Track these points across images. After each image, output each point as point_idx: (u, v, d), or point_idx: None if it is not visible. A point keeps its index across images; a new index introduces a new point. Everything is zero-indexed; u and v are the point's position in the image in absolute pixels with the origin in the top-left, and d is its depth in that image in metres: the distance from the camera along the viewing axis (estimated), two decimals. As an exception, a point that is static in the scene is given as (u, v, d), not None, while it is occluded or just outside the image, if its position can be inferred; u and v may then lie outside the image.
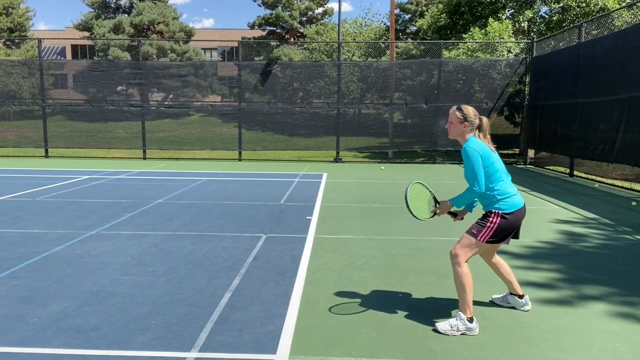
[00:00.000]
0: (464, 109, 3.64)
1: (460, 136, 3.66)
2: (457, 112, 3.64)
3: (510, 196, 3.55)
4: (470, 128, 3.63)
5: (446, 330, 3.46)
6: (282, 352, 3.17)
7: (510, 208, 3.52)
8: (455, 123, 3.65)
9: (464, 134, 3.64)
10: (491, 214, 3.52)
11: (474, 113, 3.66)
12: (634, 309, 3.94)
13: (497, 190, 3.52)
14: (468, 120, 3.61)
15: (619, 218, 7.56)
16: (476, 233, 3.53)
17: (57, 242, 5.78)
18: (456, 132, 3.67)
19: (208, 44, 39.29)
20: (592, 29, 12.91)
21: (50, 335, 3.38)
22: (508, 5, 18.08)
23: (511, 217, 3.51)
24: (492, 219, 3.51)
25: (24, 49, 32.26)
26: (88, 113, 17.89)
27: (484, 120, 3.67)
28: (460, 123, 3.62)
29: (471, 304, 3.51)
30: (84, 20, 33.67)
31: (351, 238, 6.13)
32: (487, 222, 3.51)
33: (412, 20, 33.81)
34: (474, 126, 3.63)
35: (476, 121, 3.64)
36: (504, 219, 3.50)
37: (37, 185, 10.19)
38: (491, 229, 3.50)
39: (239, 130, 16.95)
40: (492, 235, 3.51)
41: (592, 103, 11.69)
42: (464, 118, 3.61)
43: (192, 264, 5.01)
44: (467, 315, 3.47)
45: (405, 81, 18.11)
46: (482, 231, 3.51)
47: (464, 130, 3.63)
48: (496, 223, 3.50)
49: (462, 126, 3.62)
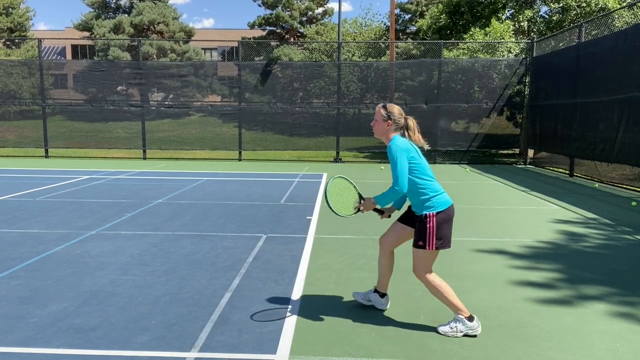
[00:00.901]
0: (389, 107, 3.56)
1: (384, 135, 3.59)
2: (382, 110, 3.57)
3: (440, 194, 3.48)
4: (395, 127, 3.55)
5: (447, 332, 3.44)
6: (282, 352, 3.17)
7: (442, 205, 3.44)
8: (379, 121, 3.58)
9: (388, 132, 3.56)
10: (426, 217, 3.41)
11: (399, 112, 3.57)
12: (634, 309, 3.94)
13: (426, 189, 3.44)
14: (392, 119, 3.54)
15: (619, 218, 7.56)
16: (423, 244, 3.42)
17: (57, 242, 5.78)
18: (380, 131, 3.60)
19: (208, 44, 39.29)
20: (592, 29, 12.91)
21: (50, 335, 3.37)
22: (508, 5, 18.08)
23: (444, 215, 3.43)
24: (429, 222, 3.40)
25: (24, 49, 32.26)
26: (88, 113, 17.89)
27: (409, 119, 3.58)
28: (384, 121, 3.55)
29: (461, 304, 3.46)
30: (84, 20, 33.67)
31: (351, 238, 6.12)
32: (427, 228, 3.40)
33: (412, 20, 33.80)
34: (399, 125, 3.55)
35: (401, 120, 3.55)
36: (439, 217, 3.41)
37: (37, 185, 10.19)
38: (433, 233, 3.40)
39: (239, 130, 16.95)
40: (437, 237, 3.40)
41: (592, 103, 11.69)
42: (387, 116, 3.54)
43: (192, 264, 5.01)
44: (465, 315, 3.43)
45: (405, 81, 18.11)
46: (427, 239, 3.41)
47: (387, 129, 3.55)
48: (434, 226, 3.40)
49: (385, 125, 3.55)
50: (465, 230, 6.61)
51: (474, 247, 5.78)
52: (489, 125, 16.84)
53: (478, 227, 6.83)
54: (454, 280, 4.57)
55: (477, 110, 16.61)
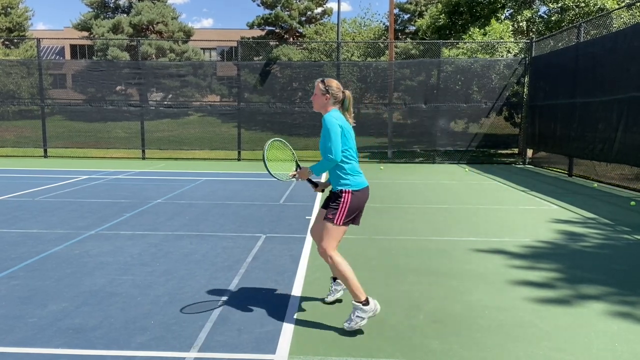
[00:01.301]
0: (327, 82, 3.66)
1: (323, 108, 3.69)
2: (320, 85, 3.66)
3: (359, 174, 3.62)
4: (333, 101, 3.65)
5: (352, 325, 3.43)
6: (281, 352, 3.17)
7: (358, 185, 3.57)
8: (318, 95, 3.67)
9: (326, 106, 3.67)
10: (342, 193, 3.55)
11: (337, 86, 3.67)
12: (633, 309, 3.95)
13: (348, 166, 3.57)
14: (330, 93, 3.63)
15: (618, 218, 7.56)
16: (332, 217, 3.53)
17: (56, 242, 5.77)
18: (319, 104, 3.69)
19: (207, 43, 39.26)
20: (591, 29, 12.92)
21: (50, 335, 3.37)
22: (507, 5, 18.09)
23: (359, 194, 3.57)
24: (344, 198, 3.53)
25: (22, 49, 32.22)
26: (87, 113, 17.87)
27: (347, 94, 3.69)
28: (322, 95, 3.65)
29: (360, 287, 3.51)
30: (83, 20, 33.63)
31: (351, 238, 6.12)
32: (340, 203, 3.53)
33: (411, 20, 33.82)
34: (337, 99, 3.66)
35: (339, 94, 3.66)
36: (354, 195, 3.54)
37: (36, 185, 10.18)
38: (344, 208, 3.52)
39: (238, 130, 16.95)
40: (346, 214, 3.53)
41: (591, 103, 11.70)
42: (326, 90, 3.63)
43: (191, 264, 5.01)
44: (362, 299, 3.46)
45: (405, 81, 18.11)
46: (337, 213, 3.53)
47: (326, 102, 3.65)
48: (348, 201, 3.52)
49: (324, 98, 3.65)
50: (464, 230, 6.61)
51: (473, 247, 5.78)
52: (488, 125, 16.85)
53: (477, 227, 6.84)
54: (454, 280, 4.58)
55: (476, 110, 16.61)
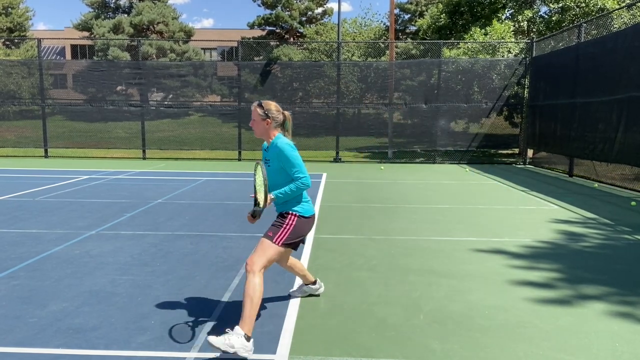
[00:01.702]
0: (265, 105, 3.41)
1: (265, 134, 3.45)
2: (259, 109, 3.41)
3: (307, 200, 3.50)
4: (275, 125, 3.43)
5: (219, 344, 2.95)
6: (281, 352, 3.17)
7: (307, 212, 3.45)
8: (257, 121, 3.42)
9: (269, 131, 3.43)
10: (288, 214, 3.40)
11: (277, 108, 3.44)
12: (633, 309, 3.95)
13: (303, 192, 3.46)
14: (270, 117, 3.40)
15: (618, 218, 7.56)
16: (272, 235, 3.34)
17: (56, 242, 5.78)
18: (260, 131, 3.44)
19: (207, 44, 39.28)
20: (592, 29, 12.91)
21: (50, 335, 3.37)
22: (508, 5, 18.08)
23: (306, 221, 3.43)
24: (290, 220, 3.38)
25: (23, 49, 32.24)
26: (87, 113, 17.88)
27: (287, 115, 3.48)
28: (262, 120, 3.40)
29: (253, 322, 3.11)
30: (84, 20, 33.64)
31: (351, 238, 6.12)
32: (284, 224, 3.36)
33: (411, 20, 33.82)
34: (278, 122, 3.44)
35: (280, 117, 3.44)
36: (300, 221, 3.40)
37: (37, 185, 10.19)
38: (288, 230, 3.35)
39: (239, 130, 16.95)
40: (289, 236, 3.36)
41: (592, 103, 11.69)
42: (265, 115, 3.40)
43: (191, 264, 5.02)
44: (245, 331, 3.05)
45: (405, 81, 18.11)
46: (279, 232, 3.34)
47: (267, 127, 3.42)
48: (293, 225, 3.37)
49: (264, 123, 3.41)
50: (464, 230, 6.61)
51: (474, 247, 5.78)
52: (488, 125, 16.84)
53: (477, 227, 6.83)
54: (454, 280, 4.57)
55: (476, 110, 16.61)
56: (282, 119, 3.46)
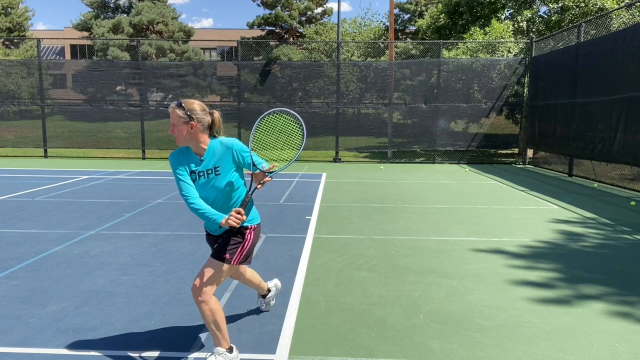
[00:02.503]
0: (186, 105, 2.81)
1: (193, 140, 2.85)
2: (178, 111, 2.79)
3: (254, 207, 3.11)
4: (202, 128, 2.85)
5: None
6: (281, 352, 3.17)
7: (258, 218, 3.11)
8: (178, 124, 2.81)
9: (197, 135, 2.84)
10: (246, 229, 2.98)
11: (202, 108, 2.86)
12: (633, 309, 3.95)
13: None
14: (195, 119, 2.81)
15: (618, 218, 7.57)
16: (229, 258, 2.90)
17: (56, 242, 5.77)
18: (184, 137, 2.83)
19: (207, 43, 39.27)
20: (591, 29, 12.92)
21: (50, 335, 3.37)
22: (507, 5, 18.09)
23: (258, 230, 3.10)
24: (248, 235, 2.99)
25: (22, 49, 32.23)
26: (87, 113, 17.87)
27: (215, 115, 2.92)
28: (185, 123, 2.80)
29: (227, 334, 2.95)
30: (83, 20, 33.62)
31: (350, 238, 6.13)
32: (243, 241, 2.96)
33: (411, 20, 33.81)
34: (205, 124, 2.86)
35: (206, 118, 2.86)
36: (255, 232, 3.05)
37: (36, 185, 10.18)
38: (246, 247, 2.98)
39: (239, 130, 16.96)
40: (246, 254, 3.00)
41: (591, 103, 11.70)
42: (187, 117, 2.80)
43: (191, 264, 5.01)
44: (226, 347, 2.94)
45: (405, 81, 18.11)
46: (237, 252, 2.93)
47: (192, 132, 2.82)
48: (251, 239, 3.00)
49: (188, 127, 2.80)
50: (464, 230, 6.61)
51: (473, 246, 5.79)
52: (488, 125, 16.85)
53: (477, 227, 6.84)
54: (454, 280, 4.58)
55: (476, 110, 16.61)
56: (209, 120, 2.89)
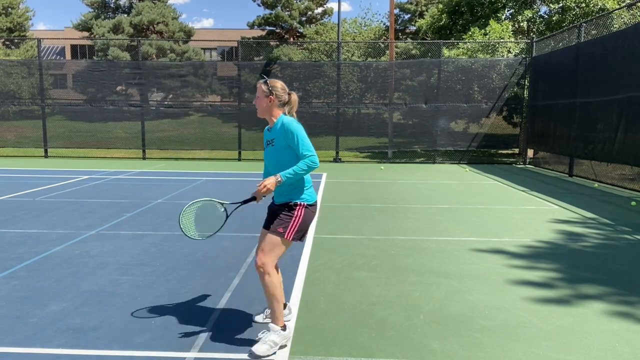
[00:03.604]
0: (270, 82, 3.32)
1: (268, 112, 3.33)
2: (263, 86, 3.32)
3: (311, 186, 3.34)
4: (279, 103, 3.32)
5: (266, 351, 3.10)
6: (281, 352, 3.17)
7: (312, 199, 3.32)
8: (261, 97, 3.32)
9: (271, 109, 3.32)
10: (296, 206, 3.25)
11: (282, 87, 3.33)
12: (633, 309, 3.95)
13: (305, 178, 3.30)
14: (274, 94, 3.29)
15: (618, 218, 7.56)
16: (283, 232, 3.21)
17: (56, 242, 5.78)
18: (263, 108, 3.34)
19: (207, 43, 39.27)
20: (592, 29, 12.91)
21: (50, 335, 3.37)
22: (508, 5, 18.08)
23: (312, 209, 3.32)
24: (298, 212, 3.24)
25: (23, 49, 32.25)
26: (87, 113, 17.88)
27: (292, 95, 3.36)
28: (265, 97, 3.30)
29: (282, 312, 3.26)
30: (84, 20, 33.63)
31: (351, 238, 6.13)
32: (293, 217, 3.23)
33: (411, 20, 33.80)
34: (282, 101, 3.32)
35: (284, 96, 3.32)
36: (307, 210, 3.27)
37: (37, 185, 10.19)
38: (297, 223, 3.23)
39: (239, 130, 16.96)
40: (298, 230, 3.24)
41: (592, 103, 11.69)
42: (269, 91, 3.29)
43: (191, 264, 5.02)
44: (280, 325, 3.21)
45: (405, 81, 18.11)
46: (289, 227, 3.22)
47: (270, 105, 3.30)
48: (301, 216, 3.24)
49: (267, 100, 3.29)
50: (464, 230, 6.61)
51: (473, 246, 5.78)
52: (488, 125, 16.84)
53: (477, 227, 6.83)
54: (454, 280, 4.58)
55: (476, 110, 16.61)
56: (287, 99, 3.34)
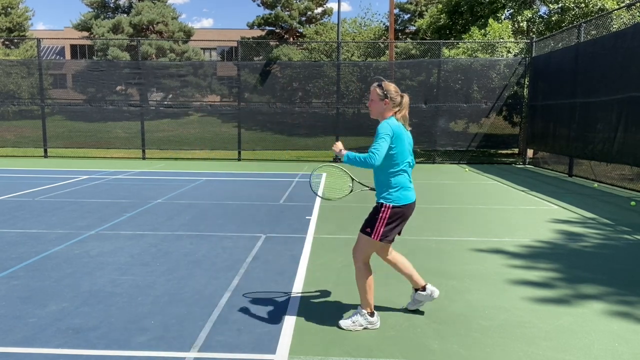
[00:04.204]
0: (385, 85, 3.48)
1: (381, 115, 3.51)
2: (378, 89, 3.48)
3: (403, 188, 3.46)
4: (392, 105, 3.49)
5: (348, 325, 3.50)
6: (281, 352, 3.17)
7: (401, 201, 3.44)
8: (375, 101, 3.50)
9: (385, 112, 3.49)
10: (381, 207, 3.44)
11: (395, 90, 3.50)
12: (633, 309, 3.95)
13: (394, 178, 3.44)
14: (389, 97, 3.47)
15: (618, 218, 7.56)
16: (370, 232, 3.46)
17: (56, 242, 5.77)
18: (377, 111, 3.52)
19: (207, 43, 39.25)
20: (591, 30, 12.92)
21: (50, 335, 3.37)
22: (507, 5, 18.09)
23: (400, 210, 3.44)
24: (382, 213, 3.43)
25: (23, 49, 32.23)
26: (87, 113, 17.88)
27: (405, 97, 3.53)
28: (380, 100, 3.48)
29: (372, 301, 3.55)
30: (83, 20, 33.63)
31: (351, 238, 6.12)
32: (378, 218, 3.44)
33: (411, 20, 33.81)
34: (396, 103, 3.49)
35: (398, 98, 3.49)
36: (393, 211, 3.42)
37: (37, 185, 10.18)
38: (382, 224, 3.43)
39: (239, 130, 16.95)
40: (385, 229, 3.43)
41: (591, 103, 11.70)
42: (384, 95, 3.47)
43: (191, 264, 5.01)
44: (368, 311, 3.54)
45: (405, 81, 18.10)
46: (375, 229, 3.44)
47: (385, 107, 3.49)
48: (386, 217, 3.42)
49: (382, 104, 3.48)
50: (464, 230, 6.61)
51: (473, 246, 5.79)
52: (488, 125, 16.85)
53: (477, 227, 6.84)
54: (454, 280, 4.58)
55: (476, 110, 16.61)
56: (400, 101, 3.49)
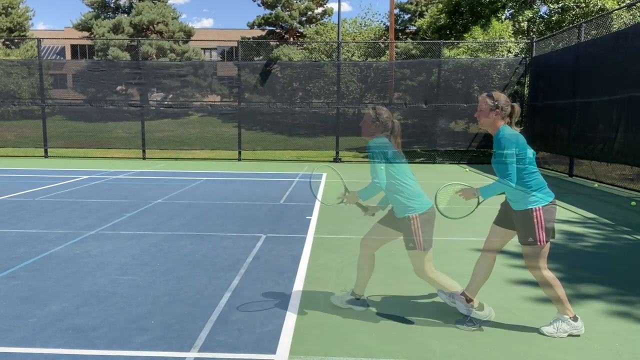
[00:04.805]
0: (495, 96, 3.42)
1: (492, 125, 3.45)
2: (488, 99, 3.43)
3: (545, 187, 3.40)
4: (503, 115, 3.41)
5: (552, 332, 3.42)
6: (281, 352, 3.17)
7: (547, 199, 3.36)
8: (485, 111, 3.44)
9: (495, 122, 3.42)
10: (532, 212, 3.33)
11: (506, 100, 3.43)
12: (633, 309, 3.95)
13: (532, 182, 3.36)
14: (500, 107, 3.39)
15: (618, 218, 7.56)
16: (534, 240, 3.35)
17: (56, 242, 5.78)
18: (487, 122, 3.45)
19: (207, 43, 39.26)
20: (592, 29, 12.92)
21: (50, 335, 3.37)
22: (508, 5, 18.09)
23: (547, 208, 3.35)
24: (536, 217, 3.32)
25: (23, 49, 32.23)
26: (87, 113, 17.88)
27: (515, 107, 3.45)
28: (491, 110, 3.41)
29: (568, 304, 3.46)
30: (84, 20, 33.63)
31: (351, 238, 6.12)
32: (534, 222, 3.33)
33: (411, 20, 33.79)
34: (506, 114, 3.42)
35: (508, 108, 3.42)
36: (544, 210, 3.33)
37: (37, 185, 10.18)
38: (540, 225, 3.31)
39: (239, 130, 16.95)
40: (545, 231, 3.32)
41: (592, 103, 11.69)
42: (495, 105, 3.40)
43: (191, 264, 5.01)
44: (570, 315, 3.43)
45: (405, 81, 18.11)
46: (536, 233, 3.33)
47: (495, 118, 3.41)
48: (541, 217, 3.31)
49: (493, 114, 3.41)
50: (464, 230, 6.61)
51: (473, 246, 5.78)
52: (488, 125, 16.83)
53: (477, 227, 6.83)
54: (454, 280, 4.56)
55: (476, 110, 16.55)
56: (510, 110, 3.43)
